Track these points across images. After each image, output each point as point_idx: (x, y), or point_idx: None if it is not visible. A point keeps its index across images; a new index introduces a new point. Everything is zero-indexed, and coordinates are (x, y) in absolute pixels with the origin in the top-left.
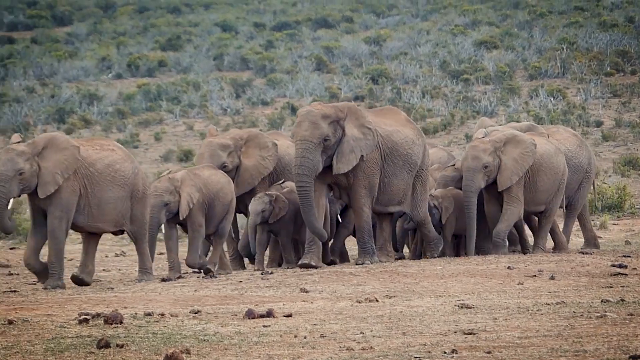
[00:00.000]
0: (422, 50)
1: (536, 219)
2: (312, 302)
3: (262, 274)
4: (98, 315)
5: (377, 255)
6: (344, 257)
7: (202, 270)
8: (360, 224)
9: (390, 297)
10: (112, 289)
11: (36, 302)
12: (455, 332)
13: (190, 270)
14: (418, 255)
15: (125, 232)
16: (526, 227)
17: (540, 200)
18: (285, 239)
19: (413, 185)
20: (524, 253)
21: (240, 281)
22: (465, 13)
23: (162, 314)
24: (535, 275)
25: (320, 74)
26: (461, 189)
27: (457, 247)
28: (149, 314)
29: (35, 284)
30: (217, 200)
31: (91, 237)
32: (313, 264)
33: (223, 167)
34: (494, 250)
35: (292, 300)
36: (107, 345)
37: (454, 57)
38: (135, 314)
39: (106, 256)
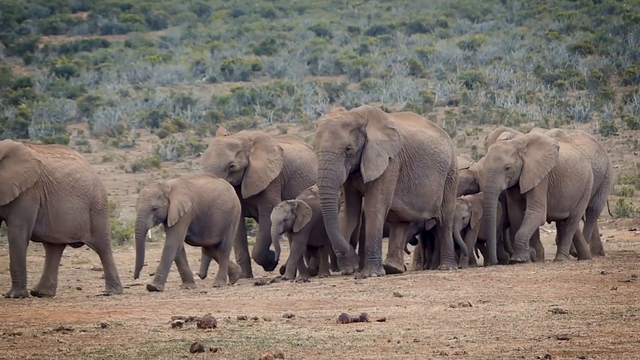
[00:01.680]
0: (517, 55)
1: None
2: (405, 307)
3: (355, 280)
4: (191, 319)
5: (387, 260)
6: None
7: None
8: (371, 231)
9: (484, 302)
10: (206, 292)
11: (129, 306)
12: (549, 337)
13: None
14: (434, 262)
15: (85, 244)
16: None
17: (564, 207)
18: (297, 247)
19: (446, 183)
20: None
21: (334, 285)
22: (559, 18)
23: (256, 318)
24: (629, 281)
25: (414, 79)
26: (473, 192)
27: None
28: (242, 318)
29: (128, 287)
30: (214, 209)
31: (54, 250)
32: (374, 274)
33: (230, 167)
34: (516, 255)
35: (386, 305)
36: (200, 349)
37: (548, 62)
38: (229, 317)
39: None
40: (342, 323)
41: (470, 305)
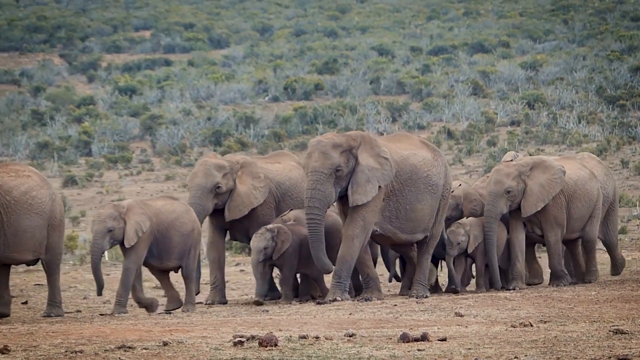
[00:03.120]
0: (578, 76)
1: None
2: (466, 326)
3: (415, 299)
4: (253, 337)
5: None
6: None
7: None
8: (344, 256)
9: (545, 322)
10: (267, 311)
11: (191, 324)
12: (610, 357)
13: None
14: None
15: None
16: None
17: (574, 228)
18: (288, 273)
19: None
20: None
21: (395, 305)
22: (621, 39)
23: (317, 337)
24: None
25: (477, 99)
26: (456, 218)
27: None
28: (304, 337)
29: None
30: (173, 230)
31: (2, 267)
32: (338, 298)
33: (217, 188)
34: (555, 283)
35: (447, 324)
36: None
37: (610, 83)
38: (290, 336)
39: None
40: (403, 342)
41: (532, 325)
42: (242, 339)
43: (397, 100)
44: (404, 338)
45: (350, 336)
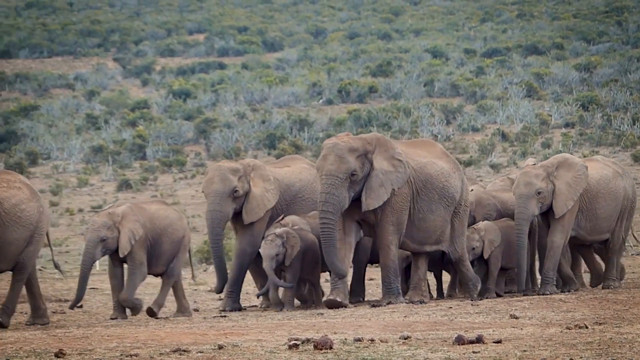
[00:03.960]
0: (633, 77)
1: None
2: (521, 329)
3: (471, 302)
4: (308, 340)
5: (410, 294)
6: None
7: (132, 310)
8: (385, 263)
9: (600, 323)
10: (322, 314)
11: (246, 327)
12: None
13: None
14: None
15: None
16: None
17: (602, 228)
18: (291, 278)
19: (451, 221)
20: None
21: (450, 307)
22: None
23: (372, 340)
24: None
25: (531, 101)
26: (469, 223)
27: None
28: (359, 340)
29: (245, 309)
30: (164, 237)
31: None
32: (339, 300)
33: (234, 192)
34: (543, 289)
35: (502, 327)
36: None
37: None
38: (345, 339)
39: None
40: (459, 345)
41: (587, 327)
42: (297, 342)
43: (451, 102)
44: (459, 340)
45: (405, 339)
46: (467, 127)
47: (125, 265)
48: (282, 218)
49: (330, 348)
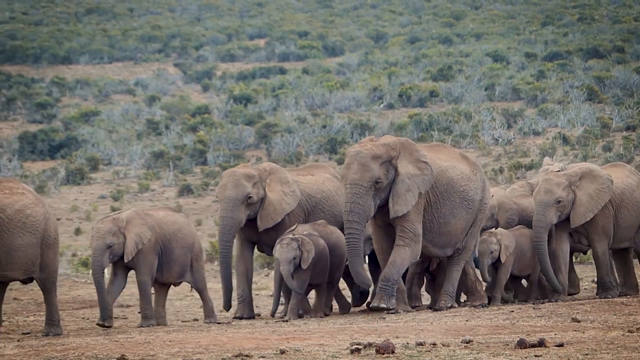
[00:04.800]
0: None
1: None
2: (583, 332)
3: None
4: (370, 345)
5: (470, 299)
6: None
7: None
8: (394, 260)
9: None
10: (384, 318)
11: (308, 332)
12: None
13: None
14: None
15: (34, 280)
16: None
17: (623, 237)
18: (300, 284)
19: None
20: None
21: (512, 311)
22: None
23: (434, 344)
24: None
25: (592, 104)
26: (491, 228)
27: (516, 290)
28: (421, 344)
29: (303, 316)
30: (175, 242)
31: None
32: (383, 305)
33: (248, 199)
34: (603, 295)
35: (564, 330)
36: None
37: None
38: (407, 343)
39: None
40: (521, 348)
41: None
42: (359, 347)
43: (512, 106)
44: (521, 344)
45: (467, 342)
46: (528, 130)
47: (128, 272)
48: (295, 227)
49: (392, 352)
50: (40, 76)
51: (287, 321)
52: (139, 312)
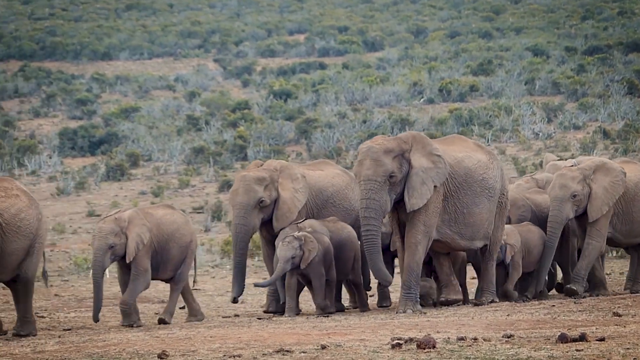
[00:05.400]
0: None
1: None
2: (624, 326)
3: (573, 300)
4: (411, 339)
5: (444, 293)
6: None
7: (125, 318)
8: (409, 264)
9: None
10: (425, 313)
11: (349, 327)
12: None
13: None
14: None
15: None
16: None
17: (637, 232)
18: (318, 283)
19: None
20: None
21: (553, 305)
22: None
23: (475, 339)
24: None
25: (632, 98)
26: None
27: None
28: (462, 339)
29: (348, 309)
30: (172, 242)
31: None
32: (411, 310)
33: (261, 203)
34: (573, 285)
35: (605, 324)
36: None
37: None
38: (448, 338)
39: None
40: (562, 343)
41: None
42: (400, 342)
43: (553, 100)
44: (562, 338)
45: (508, 337)
46: (568, 125)
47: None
48: (303, 221)
49: (434, 347)
50: (81, 72)
51: (327, 316)
52: (157, 315)
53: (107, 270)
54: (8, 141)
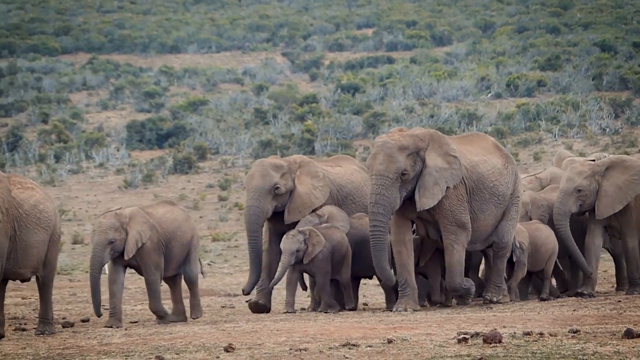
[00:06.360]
0: None
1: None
2: None
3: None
4: (477, 334)
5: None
6: None
7: (162, 319)
8: (450, 262)
9: None
10: (491, 308)
11: (415, 321)
12: None
13: (154, 317)
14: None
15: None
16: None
17: None
18: (322, 280)
19: (504, 212)
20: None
21: (619, 301)
22: None
23: (541, 334)
24: None
25: None
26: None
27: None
28: (528, 333)
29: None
30: (174, 241)
31: (1, 283)
32: (409, 308)
33: (275, 189)
34: (630, 291)
35: None
36: None
37: None
38: (514, 333)
39: None
40: (628, 338)
41: None
42: (466, 336)
43: (620, 96)
44: (629, 334)
45: (574, 332)
46: (635, 120)
47: (127, 270)
48: (321, 207)
49: (500, 342)
50: (149, 65)
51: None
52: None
53: (105, 267)
54: (76, 134)
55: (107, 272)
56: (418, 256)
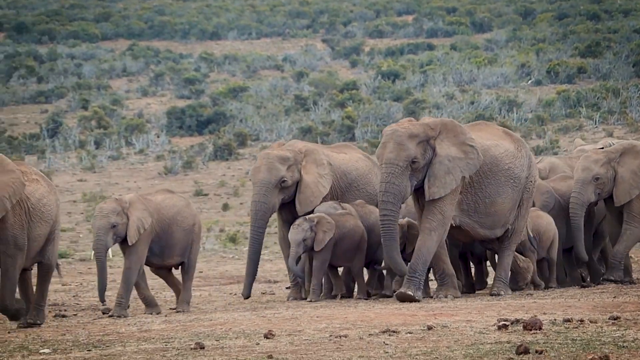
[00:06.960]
0: None
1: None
2: None
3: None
4: (517, 321)
5: (609, 273)
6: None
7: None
8: (419, 248)
9: None
10: (532, 294)
11: (455, 308)
12: None
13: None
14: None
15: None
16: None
17: None
18: (319, 265)
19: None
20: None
21: None
22: None
23: (581, 320)
24: None
25: None
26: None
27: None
28: (568, 320)
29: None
30: (175, 226)
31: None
32: (410, 293)
33: (282, 182)
34: (609, 273)
35: None
36: (526, 351)
37: None
38: (554, 320)
39: None
40: None
41: None
42: (507, 323)
43: None
44: None
45: (614, 319)
46: None
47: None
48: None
49: (540, 329)
50: (189, 52)
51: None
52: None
53: (110, 251)
54: (116, 120)
55: (110, 256)
56: (404, 242)
